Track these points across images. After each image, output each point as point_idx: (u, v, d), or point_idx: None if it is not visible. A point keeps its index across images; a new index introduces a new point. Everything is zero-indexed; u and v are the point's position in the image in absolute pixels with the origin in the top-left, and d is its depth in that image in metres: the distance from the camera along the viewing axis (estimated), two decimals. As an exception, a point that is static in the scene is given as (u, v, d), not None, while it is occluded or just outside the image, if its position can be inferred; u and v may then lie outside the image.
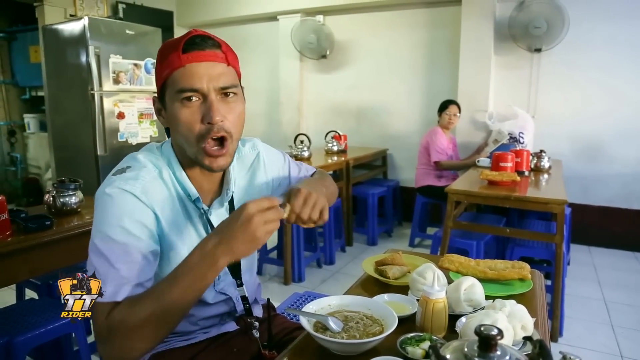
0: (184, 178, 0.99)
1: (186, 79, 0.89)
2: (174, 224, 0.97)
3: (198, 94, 0.90)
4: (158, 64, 0.94)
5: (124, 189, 0.90)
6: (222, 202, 1.05)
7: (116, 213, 0.88)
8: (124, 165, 0.96)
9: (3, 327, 1.59)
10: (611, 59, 3.92)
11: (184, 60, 0.89)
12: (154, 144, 1.04)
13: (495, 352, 0.64)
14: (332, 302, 1.00)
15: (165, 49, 0.92)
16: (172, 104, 0.91)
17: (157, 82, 0.95)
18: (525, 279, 1.20)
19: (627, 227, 4.04)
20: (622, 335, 2.60)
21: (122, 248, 0.87)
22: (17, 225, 1.71)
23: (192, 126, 0.91)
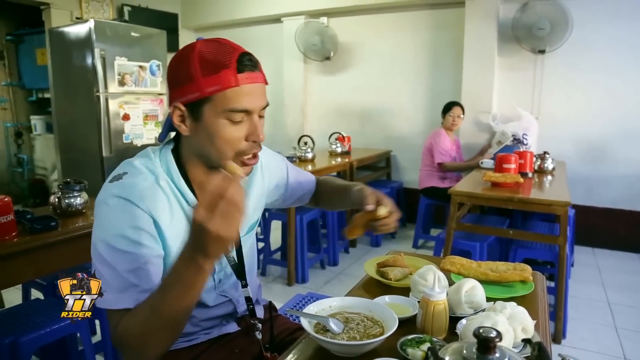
0: (183, 185, 0.99)
1: (240, 99, 0.90)
2: (174, 230, 0.97)
3: (246, 113, 0.93)
4: (200, 74, 0.89)
5: (121, 197, 0.90)
6: None
7: (116, 222, 0.89)
8: (120, 172, 0.96)
9: (9, 327, 1.61)
10: (615, 60, 3.91)
11: (241, 80, 0.89)
12: (149, 150, 1.03)
13: (494, 354, 0.65)
14: (333, 303, 1.01)
15: (210, 61, 0.89)
16: (216, 119, 0.91)
17: (190, 90, 0.91)
18: (527, 281, 1.21)
19: (631, 228, 4.03)
20: (625, 337, 2.59)
21: (128, 257, 0.88)
22: (22, 226, 1.73)
23: (235, 144, 0.93)
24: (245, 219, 1.10)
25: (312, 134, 4.47)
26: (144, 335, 0.85)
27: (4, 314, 1.76)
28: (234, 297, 1.14)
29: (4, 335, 1.54)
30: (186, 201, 0.99)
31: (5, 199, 1.65)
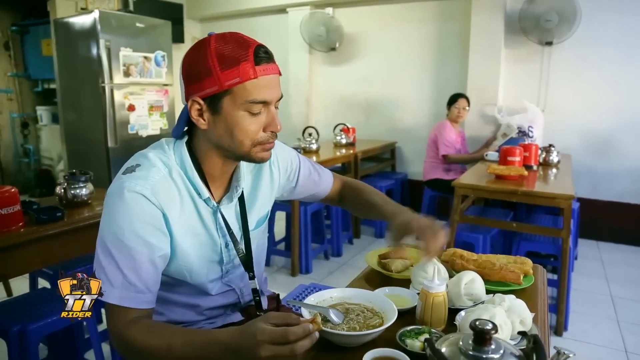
0: (196, 177, 1.00)
1: (259, 91, 0.92)
2: (184, 223, 0.99)
3: (264, 104, 0.95)
4: (219, 69, 0.90)
5: (134, 190, 0.91)
6: (232, 197, 1.07)
7: (127, 216, 0.90)
8: (133, 164, 0.97)
9: (17, 315, 1.64)
10: (623, 53, 3.87)
11: (259, 72, 0.91)
12: (164, 141, 1.04)
13: (490, 346, 0.66)
14: (333, 294, 1.02)
15: (228, 55, 0.91)
16: (235, 111, 0.93)
17: (209, 84, 0.92)
18: (527, 274, 1.21)
19: (637, 222, 4.01)
20: (627, 330, 2.60)
21: (132, 254, 0.90)
22: (29, 216, 1.75)
23: (254, 135, 0.96)
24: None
25: (317, 125, 4.47)
26: (146, 354, 0.88)
27: (12, 303, 1.79)
28: (238, 287, 1.15)
29: (13, 323, 1.57)
30: (198, 194, 1.01)
31: (11, 189, 1.67)
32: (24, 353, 1.57)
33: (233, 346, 0.80)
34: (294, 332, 0.75)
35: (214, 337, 0.83)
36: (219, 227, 1.06)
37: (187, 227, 1.00)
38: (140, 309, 0.92)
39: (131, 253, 0.90)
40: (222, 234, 1.07)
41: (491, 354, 0.65)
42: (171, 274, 1.02)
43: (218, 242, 1.07)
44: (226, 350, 0.80)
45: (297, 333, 0.75)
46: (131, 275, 0.90)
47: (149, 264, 0.92)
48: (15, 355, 1.56)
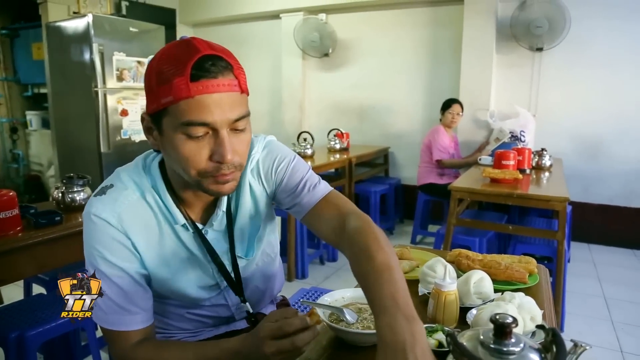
0: (170, 202, 0.91)
1: (195, 112, 0.77)
2: (157, 249, 0.92)
3: (207, 128, 0.79)
4: (154, 83, 0.79)
5: (99, 216, 0.87)
6: (212, 223, 0.97)
7: (97, 242, 0.87)
8: (107, 184, 0.92)
9: (14, 322, 1.61)
10: (613, 57, 3.95)
11: (193, 90, 0.76)
12: (139, 160, 0.95)
13: (510, 339, 0.66)
14: (345, 294, 1.03)
15: (165, 69, 0.78)
16: (174, 133, 0.80)
17: (152, 101, 0.81)
18: (532, 273, 1.23)
19: (627, 225, 4.07)
20: (622, 330, 2.63)
21: (113, 280, 0.87)
22: (27, 220, 1.73)
23: (197, 163, 0.81)
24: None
25: (311, 131, 4.48)
26: None
27: (9, 309, 1.76)
28: (232, 303, 1.07)
29: (10, 330, 1.54)
30: (173, 219, 0.92)
31: (9, 193, 1.65)
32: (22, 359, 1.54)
33: (245, 351, 0.80)
34: (290, 323, 0.76)
35: (225, 346, 0.84)
36: (202, 251, 0.97)
37: (169, 252, 0.93)
38: (139, 330, 0.90)
39: (112, 279, 0.87)
40: (208, 259, 0.98)
41: (512, 347, 0.65)
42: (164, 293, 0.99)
43: (209, 267, 0.99)
44: (238, 356, 0.81)
45: (293, 324, 0.76)
46: (119, 300, 0.88)
47: (133, 285, 0.89)
48: (14, 361, 1.54)
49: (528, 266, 1.23)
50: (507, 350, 0.65)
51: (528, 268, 1.22)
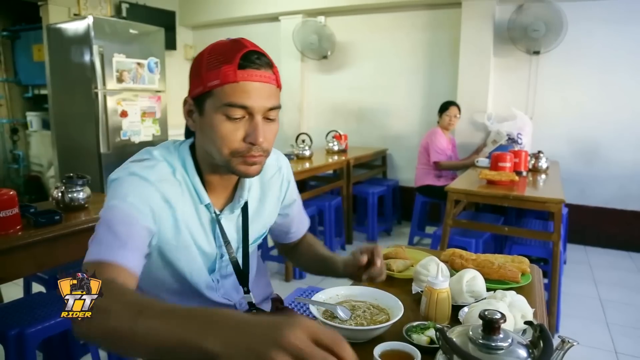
0: (197, 182, 0.98)
1: (238, 95, 0.88)
2: (177, 220, 0.96)
3: (245, 111, 0.89)
4: (204, 69, 0.90)
5: (139, 175, 0.91)
6: (233, 208, 1.05)
7: (125, 191, 0.89)
8: (141, 157, 0.97)
9: (14, 319, 1.63)
10: (609, 61, 3.97)
11: (239, 76, 0.87)
12: (170, 142, 1.03)
13: (499, 335, 0.68)
14: (340, 292, 1.05)
15: (215, 57, 0.90)
16: (214, 114, 0.90)
17: (197, 85, 0.92)
18: (525, 273, 1.25)
19: (622, 227, 4.10)
20: (617, 332, 2.65)
21: (124, 214, 0.87)
22: (27, 219, 1.75)
23: (231, 142, 0.90)
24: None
25: (309, 132, 4.50)
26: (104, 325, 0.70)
27: (8, 307, 1.78)
28: (236, 301, 1.13)
29: (10, 327, 1.56)
30: (199, 198, 0.99)
31: (10, 192, 1.67)
32: (22, 357, 1.56)
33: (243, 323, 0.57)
34: (344, 346, 0.54)
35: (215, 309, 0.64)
36: (216, 236, 1.04)
37: (185, 227, 0.97)
38: (118, 266, 0.81)
39: (124, 214, 0.87)
40: (218, 244, 1.04)
41: (500, 342, 0.67)
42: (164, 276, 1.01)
43: (214, 252, 1.04)
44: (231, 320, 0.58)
45: (347, 349, 0.55)
46: (123, 231, 0.85)
47: (140, 228, 0.88)
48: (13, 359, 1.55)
49: (521, 266, 1.25)
50: (495, 346, 0.67)
51: (521, 268, 1.24)
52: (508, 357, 0.66)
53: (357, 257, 1.07)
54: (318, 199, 3.73)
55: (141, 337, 0.63)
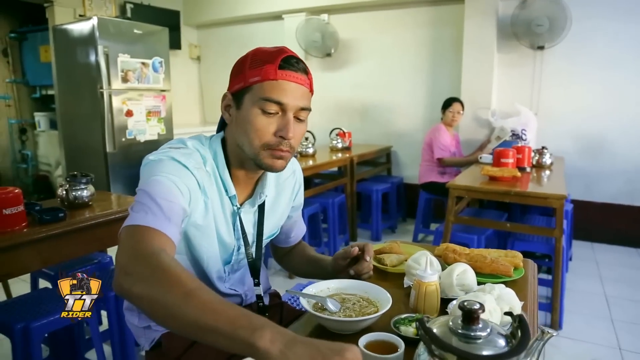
0: (226, 174, 1.06)
1: (275, 91, 0.96)
2: (203, 208, 1.03)
3: (280, 108, 0.98)
4: (248, 67, 0.99)
5: (179, 160, 0.97)
6: (254, 203, 1.13)
7: (168, 170, 0.94)
8: (178, 145, 1.03)
9: (20, 314, 1.67)
10: (614, 56, 3.94)
11: (279, 75, 0.96)
12: (202, 135, 1.10)
13: (478, 325, 0.70)
14: (330, 285, 1.06)
15: (259, 57, 0.98)
16: (251, 107, 0.98)
17: (238, 81, 1.00)
18: (518, 267, 1.26)
19: (630, 223, 4.07)
20: (621, 329, 2.64)
21: (167, 190, 0.91)
22: (32, 217, 1.78)
23: (264, 135, 0.98)
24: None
25: (313, 130, 4.51)
26: (155, 282, 0.72)
27: (15, 302, 1.82)
28: (242, 292, 1.21)
29: (16, 321, 1.60)
30: (225, 190, 1.06)
31: (15, 190, 1.70)
32: (27, 350, 1.59)
33: (281, 331, 0.63)
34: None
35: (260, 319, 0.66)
36: (235, 228, 1.11)
37: (210, 215, 1.04)
38: (166, 236, 0.85)
39: (167, 188, 0.91)
40: (237, 236, 1.12)
41: (479, 332, 0.69)
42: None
43: (232, 244, 1.12)
44: (273, 332, 0.62)
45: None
46: (165, 204, 0.88)
47: (179, 205, 0.92)
48: (20, 352, 1.59)
49: (514, 260, 1.26)
50: (475, 335, 0.69)
51: (514, 262, 1.25)
52: (486, 347, 0.67)
53: (348, 249, 1.14)
54: (322, 196, 3.75)
55: (186, 317, 0.67)
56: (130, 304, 1.20)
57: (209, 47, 6.12)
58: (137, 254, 0.78)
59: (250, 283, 1.22)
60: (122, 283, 0.74)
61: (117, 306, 1.94)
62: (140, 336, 1.20)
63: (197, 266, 1.11)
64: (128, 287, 0.73)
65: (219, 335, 0.64)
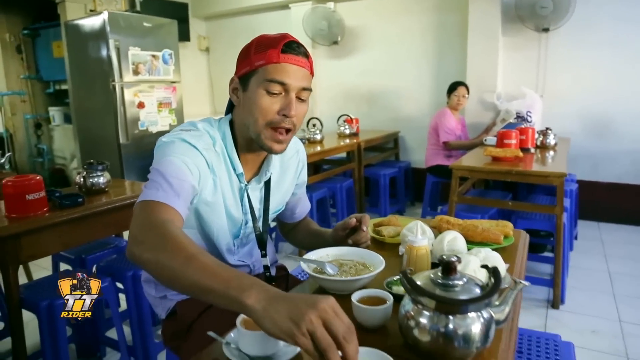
0: (234, 153, 1.15)
1: (279, 73, 1.05)
2: (213, 184, 1.13)
3: (283, 88, 1.06)
4: (253, 52, 1.07)
5: (189, 142, 1.07)
6: (260, 180, 1.22)
7: (179, 151, 1.04)
8: (188, 128, 1.13)
9: (45, 293, 1.78)
10: (619, 36, 3.94)
11: (282, 58, 1.04)
12: (211, 118, 1.19)
13: (455, 275, 0.78)
14: (330, 252, 1.15)
15: (263, 43, 1.07)
16: (257, 88, 1.06)
17: (244, 66, 1.09)
18: (508, 236, 1.33)
19: (636, 202, 4.09)
20: (622, 302, 2.70)
21: (178, 169, 1.01)
22: (52, 202, 1.89)
23: (268, 113, 1.07)
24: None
25: (322, 117, 4.59)
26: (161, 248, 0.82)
27: (40, 282, 1.94)
28: (250, 263, 1.31)
29: (42, 299, 1.71)
30: (234, 169, 1.16)
31: (37, 177, 1.81)
32: (52, 325, 1.71)
33: (273, 291, 0.70)
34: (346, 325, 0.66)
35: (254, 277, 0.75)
36: (243, 204, 1.20)
37: (220, 191, 1.14)
38: (174, 210, 0.94)
39: (178, 168, 1.00)
40: (244, 211, 1.21)
41: (456, 281, 0.77)
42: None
43: (240, 218, 1.21)
44: (259, 292, 0.70)
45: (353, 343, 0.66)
46: (176, 183, 0.98)
47: (190, 183, 1.01)
48: (45, 327, 1.71)
49: (504, 229, 1.33)
50: (452, 284, 0.77)
51: (504, 231, 1.32)
52: (463, 294, 0.75)
53: (346, 220, 1.24)
54: (330, 181, 3.84)
55: (188, 279, 0.76)
56: (147, 276, 1.30)
57: (217, 38, 6.20)
58: (148, 225, 0.88)
59: (257, 255, 1.32)
60: (134, 250, 0.84)
61: (135, 288, 2.04)
62: (157, 305, 1.30)
63: (208, 240, 1.21)
64: (139, 253, 0.84)
65: (214, 295, 0.73)
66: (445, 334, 0.74)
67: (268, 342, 0.75)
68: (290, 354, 0.77)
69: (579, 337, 2.35)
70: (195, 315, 1.21)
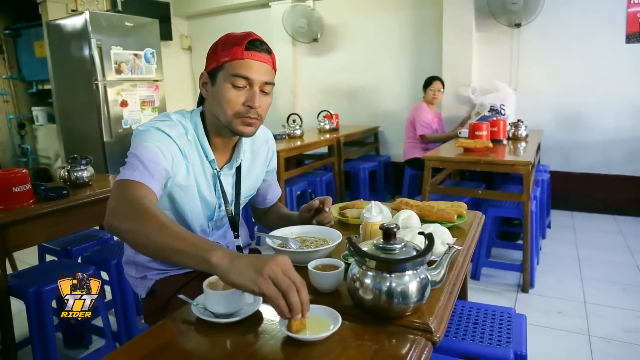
0: (205, 142, 1.25)
1: (243, 68, 1.15)
2: (186, 170, 1.22)
3: (247, 82, 1.16)
4: (219, 50, 1.17)
5: (164, 131, 1.17)
6: (232, 166, 1.32)
7: (154, 138, 1.15)
8: (163, 118, 1.23)
9: (32, 281, 1.86)
10: (589, 30, 4.09)
11: (245, 55, 1.15)
12: (183, 110, 1.30)
13: (395, 240, 0.89)
14: (294, 230, 1.26)
15: (229, 41, 1.17)
16: (224, 83, 1.17)
17: (212, 62, 1.19)
18: (462, 215, 1.45)
19: (607, 191, 4.25)
20: (589, 285, 2.84)
21: (153, 153, 1.11)
22: (38, 195, 1.97)
23: (234, 105, 1.17)
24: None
25: (303, 113, 4.69)
26: (134, 218, 0.94)
27: (27, 271, 2.02)
28: (224, 244, 1.40)
29: (29, 286, 1.80)
30: (206, 156, 1.26)
31: (22, 170, 1.90)
32: (40, 312, 1.79)
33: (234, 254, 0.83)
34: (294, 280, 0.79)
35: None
36: (216, 189, 1.30)
37: (192, 176, 1.23)
38: (149, 188, 1.06)
39: (152, 152, 1.11)
40: (217, 195, 1.31)
41: (395, 245, 0.88)
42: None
43: (214, 202, 1.31)
44: (224, 251, 0.83)
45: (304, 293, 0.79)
46: (150, 165, 1.09)
47: (163, 167, 1.12)
48: (33, 313, 1.79)
49: (458, 209, 1.45)
50: (391, 248, 0.88)
51: (458, 211, 1.44)
52: (400, 254, 0.86)
53: (311, 203, 1.36)
54: (311, 175, 3.94)
55: (160, 243, 0.89)
56: (128, 258, 1.39)
57: (199, 37, 6.26)
58: (124, 199, 1.01)
59: (231, 237, 1.42)
60: (112, 221, 0.97)
61: (119, 276, 2.13)
62: (138, 286, 1.40)
63: (182, 222, 1.30)
64: (117, 223, 0.95)
65: (184, 255, 0.85)
66: (386, 291, 0.85)
67: (231, 300, 0.86)
68: (251, 311, 0.88)
69: (545, 318, 2.49)
70: (173, 292, 1.31)
